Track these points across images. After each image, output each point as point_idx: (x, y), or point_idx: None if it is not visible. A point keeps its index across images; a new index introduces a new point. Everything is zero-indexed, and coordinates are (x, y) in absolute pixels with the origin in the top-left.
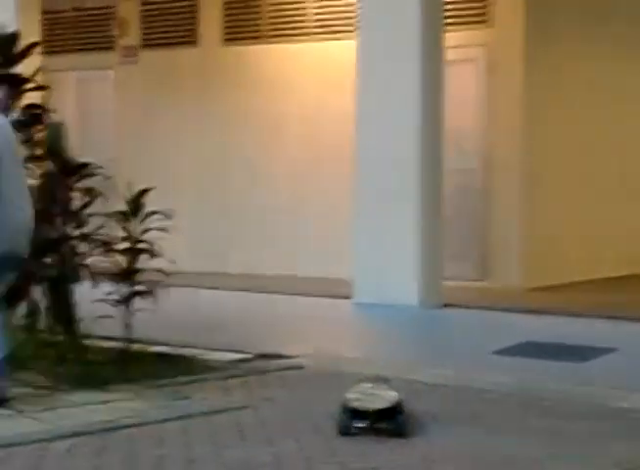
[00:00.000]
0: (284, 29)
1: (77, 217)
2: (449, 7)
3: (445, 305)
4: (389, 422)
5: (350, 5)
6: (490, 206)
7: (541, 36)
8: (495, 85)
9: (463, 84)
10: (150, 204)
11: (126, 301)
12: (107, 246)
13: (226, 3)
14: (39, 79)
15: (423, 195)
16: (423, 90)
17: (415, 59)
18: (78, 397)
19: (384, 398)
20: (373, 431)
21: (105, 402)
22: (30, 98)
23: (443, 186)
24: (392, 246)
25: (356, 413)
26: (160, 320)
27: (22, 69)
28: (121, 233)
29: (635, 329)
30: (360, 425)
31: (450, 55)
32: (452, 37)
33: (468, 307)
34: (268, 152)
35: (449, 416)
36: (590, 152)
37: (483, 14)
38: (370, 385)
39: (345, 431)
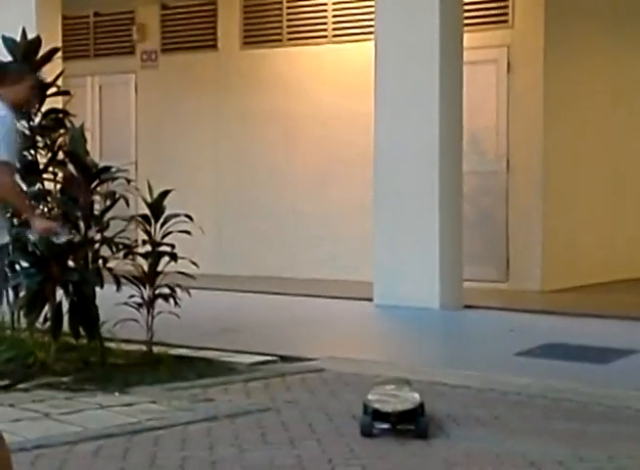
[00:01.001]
0: (302, 32)
1: (99, 221)
2: (469, 7)
3: (466, 307)
4: (411, 424)
5: (369, 7)
6: (511, 208)
7: (561, 37)
8: (515, 86)
9: (483, 85)
10: (170, 206)
11: (148, 304)
12: (128, 249)
13: (245, 7)
14: (60, 84)
15: (443, 197)
16: (442, 92)
17: (434, 60)
18: (102, 399)
19: (405, 399)
20: (395, 432)
21: (129, 405)
22: (52, 103)
23: (463, 188)
24: (413, 248)
25: (378, 415)
26: (182, 323)
27: (44, 74)
28: (143, 236)
29: None
30: (382, 426)
31: (470, 56)
32: (472, 38)
33: (489, 309)
34: (288, 154)
35: (471, 418)
36: (612, 153)
37: (503, 14)
38: (392, 387)
39: (368, 432)
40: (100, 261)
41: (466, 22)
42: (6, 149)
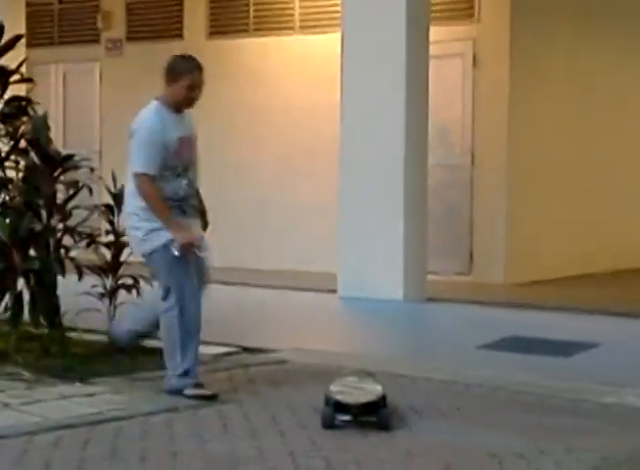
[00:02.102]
0: (269, 23)
1: (62, 210)
2: (436, 1)
3: (430, 300)
4: (373, 416)
5: None
6: (476, 201)
7: (527, 31)
8: (481, 80)
9: (449, 79)
10: None
11: (111, 294)
12: (91, 239)
13: None
14: (24, 72)
15: (408, 189)
16: (408, 85)
17: (401, 53)
18: (63, 389)
19: (368, 391)
20: (357, 424)
21: (90, 395)
22: (15, 90)
23: (429, 181)
24: (377, 240)
25: (340, 406)
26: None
27: (7, 61)
28: (106, 226)
29: (618, 324)
30: (344, 418)
31: (436, 49)
32: (438, 32)
33: (452, 302)
34: (254, 145)
35: (433, 410)
36: (576, 148)
37: (469, 8)
38: (355, 378)
39: (329, 424)
40: (62, 251)
41: (432, 15)
42: (143, 160)
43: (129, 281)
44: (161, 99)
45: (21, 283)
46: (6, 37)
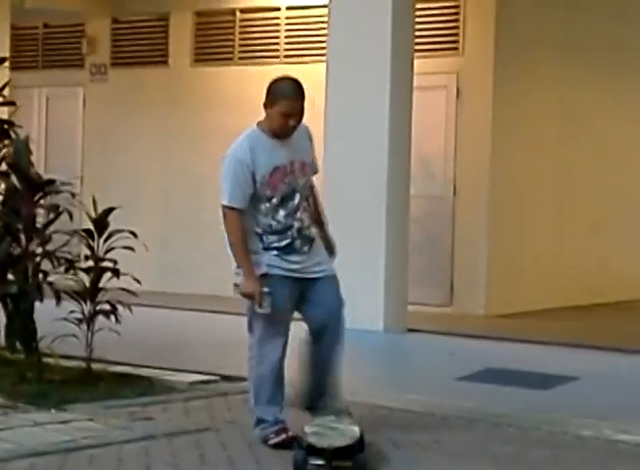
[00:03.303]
0: (254, 52)
1: (41, 234)
2: (420, 34)
3: (410, 330)
4: (348, 460)
5: (322, 29)
6: (457, 232)
7: (510, 65)
8: (464, 113)
9: (432, 111)
10: (116, 222)
11: (89, 320)
12: (70, 264)
13: (197, 24)
14: (6, 95)
15: (390, 220)
16: (392, 116)
17: (384, 84)
18: (38, 416)
19: (344, 433)
20: (330, 469)
21: (65, 422)
22: None
23: (411, 212)
24: (358, 270)
25: (313, 450)
26: (123, 340)
27: None
28: (85, 251)
29: (597, 358)
30: (317, 462)
31: (420, 81)
32: (423, 64)
33: (432, 333)
34: None
35: (412, 443)
36: (559, 181)
37: (454, 41)
38: (332, 418)
39: (301, 468)
40: (40, 275)
41: (417, 48)
42: (228, 191)
43: (108, 307)
44: (261, 123)
45: None
46: None
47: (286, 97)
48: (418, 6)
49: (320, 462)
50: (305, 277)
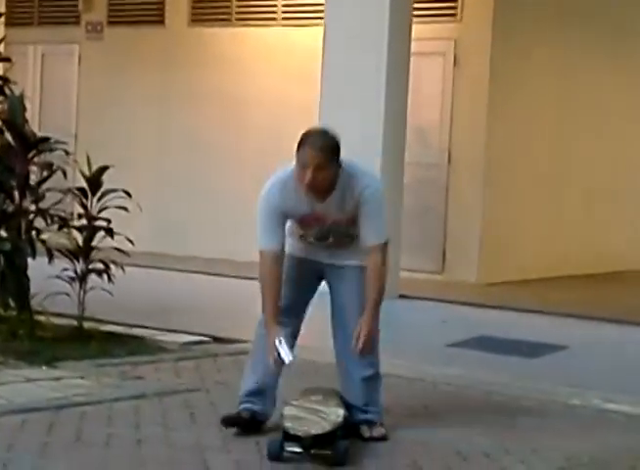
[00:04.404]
0: (251, 13)
1: (35, 192)
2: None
3: (402, 297)
4: (327, 449)
5: None
6: (451, 200)
7: (508, 32)
8: (461, 80)
9: (429, 77)
10: (109, 181)
11: (81, 278)
12: (64, 222)
13: None
14: (1, 51)
15: (384, 186)
16: (388, 81)
17: (381, 49)
18: (29, 372)
19: (325, 418)
20: (308, 457)
21: (56, 379)
22: None
23: (405, 178)
24: None
25: (288, 435)
26: (115, 300)
27: None
28: (79, 210)
29: (586, 327)
30: (293, 449)
31: (418, 47)
32: (420, 30)
33: (424, 300)
34: (230, 134)
35: (401, 408)
36: (555, 150)
37: (452, 8)
38: (318, 397)
39: (275, 456)
40: (33, 233)
41: (415, 13)
42: (260, 234)
43: (100, 266)
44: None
45: None
46: None
47: (303, 145)
48: None
49: (297, 450)
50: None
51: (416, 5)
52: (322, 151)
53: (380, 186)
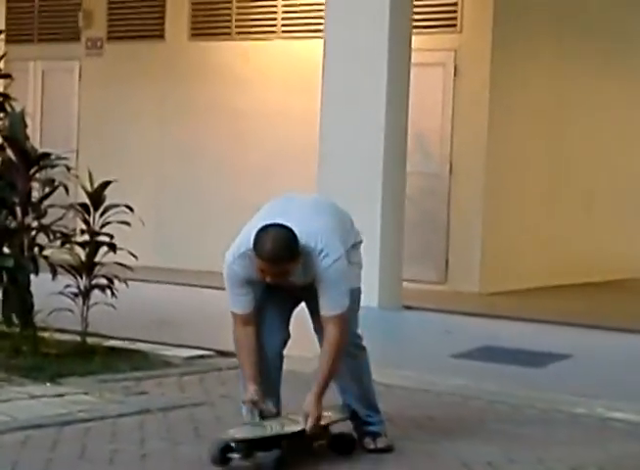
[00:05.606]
0: (251, 27)
1: (37, 208)
2: (418, 10)
3: (405, 308)
4: (266, 455)
5: (319, 4)
6: (453, 210)
7: (508, 42)
8: (461, 90)
9: (429, 88)
10: (111, 196)
11: (84, 294)
12: (66, 238)
13: None
14: (2, 68)
15: (385, 196)
16: (389, 92)
17: (382, 60)
18: (33, 389)
19: (267, 427)
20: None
21: (60, 395)
22: None
23: (406, 189)
24: None
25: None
26: (118, 315)
27: None
28: (81, 225)
29: (590, 336)
30: (233, 455)
31: (418, 58)
32: (420, 41)
33: (427, 310)
34: (231, 147)
35: (405, 419)
36: (554, 161)
37: (452, 19)
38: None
39: (215, 461)
40: (36, 249)
41: (415, 24)
42: (229, 297)
43: (103, 281)
44: None
45: None
46: None
47: (257, 253)
48: None
49: (236, 455)
50: None
51: (416, 16)
52: (277, 261)
53: (339, 254)
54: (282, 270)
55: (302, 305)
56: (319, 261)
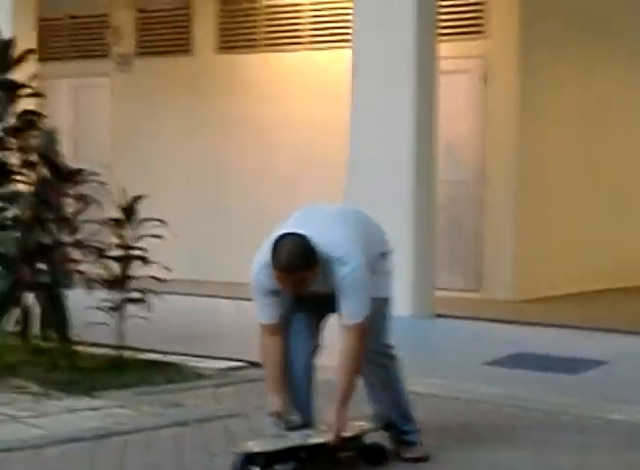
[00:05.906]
0: (278, 39)
1: (71, 224)
2: (444, 18)
3: (438, 316)
4: (282, 467)
5: (346, 15)
6: (484, 217)
7: (537, 48)
8: (490, 97)
9: (457, 95)
10: (143, 210)
11: (119, 308)
12: (100, 252)
13: (221, 11)
14: (34, 86)
15: (416, 205)
16: (417, 100)
17: (409, 69)
18: (70, 403)
19: (286, 438)
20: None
21: (97, 409)
22: (25, 104)
23: (437, 197)
24: None
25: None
26: (152, 328)
27: (18, 75)
28: (115, 240)
29: (625, 342)
30: (252, 468)
31: (446, 66)
32: (448, 48)
33: (460, 318)
34: (260, 159)
35: (440, 427)
36: (585, 166)
37: (479, 25)
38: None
39: None
40: (71, 264)
41: (441, 31)
42: (257, 308)
43: (137, 295)
44: None
45: (30, 297)
46: (17, 51)
47: (276, 266)
48: None
49: (256, 467)
50: None
51: (442, 24)
52: (291, 270)
53: (357, 263)
54: (298, 279)
55: None
56: (337, 270)
